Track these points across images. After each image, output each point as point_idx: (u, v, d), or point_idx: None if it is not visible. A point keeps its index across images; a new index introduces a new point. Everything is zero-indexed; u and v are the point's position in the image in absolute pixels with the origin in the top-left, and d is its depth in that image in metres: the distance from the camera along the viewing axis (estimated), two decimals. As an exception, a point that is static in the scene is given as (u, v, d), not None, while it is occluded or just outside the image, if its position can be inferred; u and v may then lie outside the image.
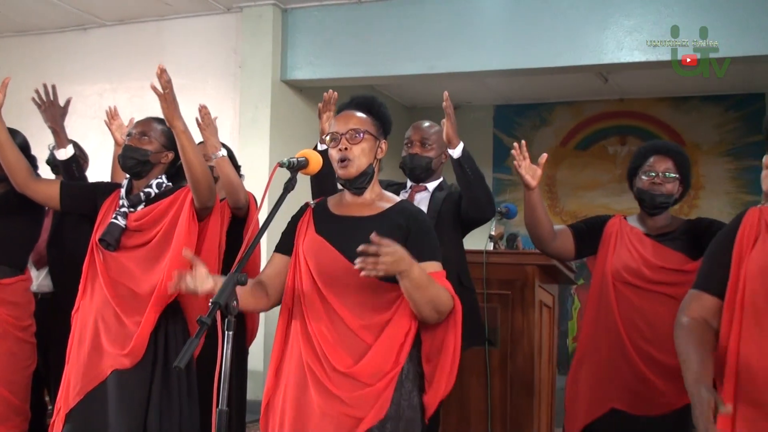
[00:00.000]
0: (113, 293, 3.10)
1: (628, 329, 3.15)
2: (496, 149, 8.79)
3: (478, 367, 4.13)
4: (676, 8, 5.25)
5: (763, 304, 2.11)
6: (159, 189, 3.22)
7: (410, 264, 2.30)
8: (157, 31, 6.77)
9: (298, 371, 2.45)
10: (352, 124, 2.54)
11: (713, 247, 2.37)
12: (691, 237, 3.18)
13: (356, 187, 2.55)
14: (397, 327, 2.45)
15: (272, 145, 6.08)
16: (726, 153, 8.08)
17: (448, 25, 5.91)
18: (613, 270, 3.23)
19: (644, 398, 3.09)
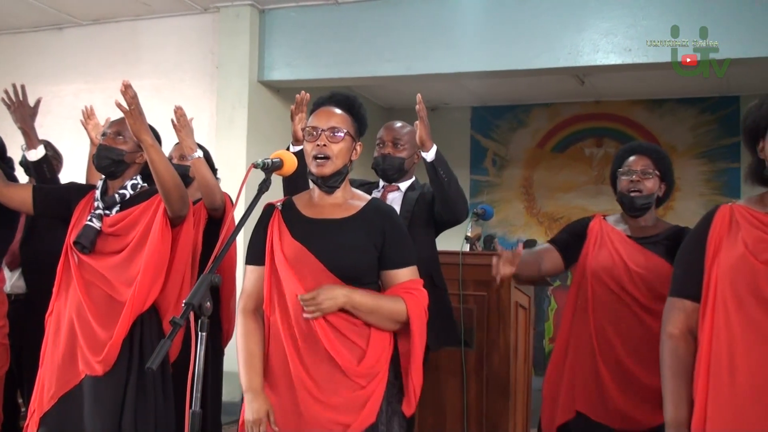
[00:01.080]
0: (87, 297, 3.08)
1: (599, 337, 3.15)
2: (474, 151, 8.82)
3: (454, 367, 4.15)
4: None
5: (733, 304, 2.13)
6: (134, 190, 3.19)
7: (348, 297, 2.37)
8: (134, 30, 6.73)
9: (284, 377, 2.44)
10: (333, 122, 2.51)
11: (686, 249, 2.38)
12: (674, 245, 3.18)
13: (328, 185, 2.54)
14: (381, 334, 2.46)
15: (249, 145, 6.07)
16: (701, 155, 8.15)
17: (426, 27, 5.92)
18: (593, 272, 3.22)
19: (607, 409, 3.09)
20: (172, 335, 1.83)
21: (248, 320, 2.53)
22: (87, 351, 3.01)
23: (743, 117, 2.35)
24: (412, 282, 2.50)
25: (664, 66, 5.54)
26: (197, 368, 1.95)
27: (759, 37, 5.09)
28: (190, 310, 1.91)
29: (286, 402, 2.41)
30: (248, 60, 6.18)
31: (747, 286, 2.10)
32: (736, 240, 2.19)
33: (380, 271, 2.51)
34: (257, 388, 2.42)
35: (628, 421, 3.04)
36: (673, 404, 2.24)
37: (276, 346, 2.46)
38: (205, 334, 1.96)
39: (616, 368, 3.09)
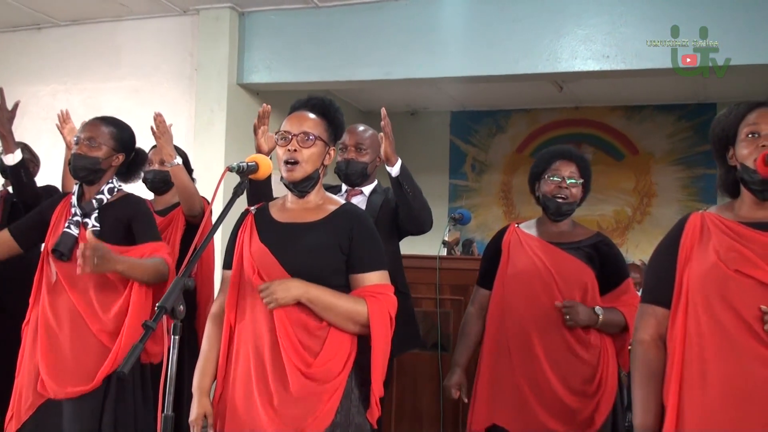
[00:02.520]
0: (74, 306, 3.03)
1: (520, 347, 3.13)
2: (453, 155, 8.85)
3: (430, 371, 4.16)
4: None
5: (704, 312, 2.15)
6: (111, 194, 3.16)
7: (304, 289, 2.38)
8: (113, 32, 6.69)
9: (243, 380, 2.44)
10: (305, 127, 2.50)
11: (658, 257, 2.39)
12: (595, 254, 3.20)
13: (300, 190, 2.54)
14: (341, 334, 2.45)
15: (228, 148, 6.05)
16: (678, 161, 8.23)
17: (406, 32, 5.92)
18: (514, 279, 3.22)
19: (526, 421, 3.08)
20: (144, 338, 1.83)
21: (211, 324, 2.58)
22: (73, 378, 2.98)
23: (712, 126, 2.36)
24: (380, 286, 2.49)
25: (642, 73, 5.59)
26: (170, 371, 1.94)
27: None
28: (163, 313, 1.91)
29: (241, 406, 2.41)
30: (227, 62, 6.16)
31: (717, 294, 2.12)
32: (708, 248, 2.21)
33: (348, 275, 2.51)
34: (203, 388, 2.49)
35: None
36: (642, 410, 2.26)
37: (239, 350, 2.47)
38: (178, 337, 1.95)
39: (536, 382, 3.06)
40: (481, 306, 3.37)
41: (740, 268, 2.12)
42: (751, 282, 2.09)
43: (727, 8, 5.12)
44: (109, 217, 3.11)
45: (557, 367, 3.05)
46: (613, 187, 8.34)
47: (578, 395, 3.03)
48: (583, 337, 3.08)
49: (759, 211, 2.24)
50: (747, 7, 5.11)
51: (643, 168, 8.34)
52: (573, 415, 3.01)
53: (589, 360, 3.07)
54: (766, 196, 2.20)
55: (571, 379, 3.04)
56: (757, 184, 2.19)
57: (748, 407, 2.03)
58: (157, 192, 3.94)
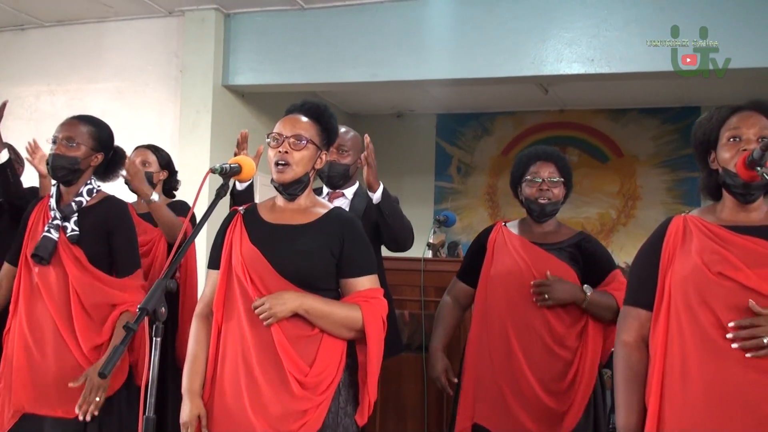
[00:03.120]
0: (57, 313, 2.98)
1: (501, 347, 3.14)
2: (438, 158, 8.86)
3: (415, 372, 4.16)
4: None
5: (685, 314, 2.16)
6: (90, 195, 3.13)
7: (299, 300, 2.38)
8: (97, 33, 6.67)
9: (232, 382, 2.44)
10: (298, 129, 2.50)
11: (640, 259, 2.41)
12: (578, 254, 3.22)
13: (289, 193, 2.54)
14: (333, 340, 2.45)
15: (213, 150, 6.03)
16: (662, 164, 8.27)
17: (392, 34, 5.93)
18: (497, 279, 3.23)
19: (507, 422, 3.09)
20: (125, 341, 1.82)
21: (198, 324, 2.57)
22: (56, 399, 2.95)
23: (693, 130, 2.38)
24: (372, 291, 2.50)
25: (627, 76, 5.62)
26: (152, 374, 1.94)
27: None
28: (145, 315, 1.90)
29: (230, 408, 2.41)
30: (213, 64, 6.15)
31: (698, 297, 2.14)
32: (690, 251, 2.23)
33: (339, 279, 2.51)
34: (194, 390, 2.46)
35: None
36: (625, 411, 2.27)
37: (227, 351, 2.46)
38: (160, 339, 1.95)
39: (515, 381, 3.08)
40: (456, 298, 3.42)
41: (722, 270, 2.13)
42: (732, 285, 2.11)
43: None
44: (88, 222, 3.06)
45: (535, 366, 3.06)
46: (598, 190, 8.36)
47: (552, 394, 3.04)
48: (561, 338, 3.09)
49: (740, 214, 2.26)
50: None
51: (628, 171, 8.37)
52: (548, 414, 3.03)
53: (565, 358, 3.08)
54: (748, 199, 2.22)
55: (547, 378, 3.06)
56: (739, 187, 2.20)
57: (728, 408, 2.05)
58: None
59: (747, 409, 2.03)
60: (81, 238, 3.03)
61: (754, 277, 2.09)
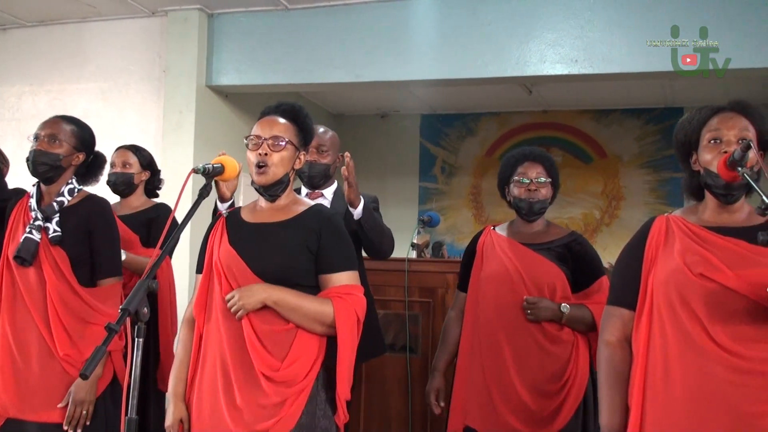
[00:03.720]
0: (39, 318, 2.96)
1: (490, 351, 3.16)
2: (423, 158, 8.87)
3: (399, 373, 4.17)
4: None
5: (667, 314, 2.18)
6: (71, 195, 3.12)
7: (268, 292, 2.39)
8: (80, 33, 6.63)
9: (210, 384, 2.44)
10: (276, 131, 2.52)
11: (623, 259, 2.42)
12: (567, 254, 3.23)
13: (270, 194, 2.55)
14: (308, 336, 2.45)
15: (196, 150, 6.00)
16: (645, 165, 8.30)
17: (376, 35, 5.93)
18: (486, 281, 3.24)
19: (497, 424, 3.09)
20: (107, 341, 1.81)
21: (185, 328, 2.59)
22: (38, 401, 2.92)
23: (675, 131, 2.40)
24: (348, 287, 2.50)
25: (610, 77, 5.64)
26: (134, 375, 1.93)
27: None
28: (127, 315, 1.89)
29: (208, 409, 2.41)
30: (196, 64, 6.12)
31: (680, 297, 2.16)
32: (672, 251, 2.24)
33: (318, 275, 2.52)
34: (177, 394, 2.49)
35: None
36: (608, 410, 2.28)
37: (207, 353, 2.47)
38: (141, 340, 1.94)
39: (502, 383, 3.09)
40: (460, 310, 3.41)
41: (703, 272, 2.15)
42: (713, 286, 2.12)
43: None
44: (70, 221, 3.04)
45: (525, 367, 3.07)
46: (582, 190, 8.39)
47: (540, 395, 3.05)
48: (554, 333, 3.10)
49: (722, 215, 2.28)
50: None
51: (612, 171, 8.40)
52: (537, 415, 3.04)
53: (560, 355, 3.10)
54: (729, 200, 2.24)
55: (537, 379, 3.07)
56: (721, 188, 2.22)
57: (709, 408, 2.06)
58: (121, 195, 3.93)
59: (728, 408, 2.04)
60: (63, 239, 3.01)
61: (734, 278, 2.10)
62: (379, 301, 4.19)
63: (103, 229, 3.09)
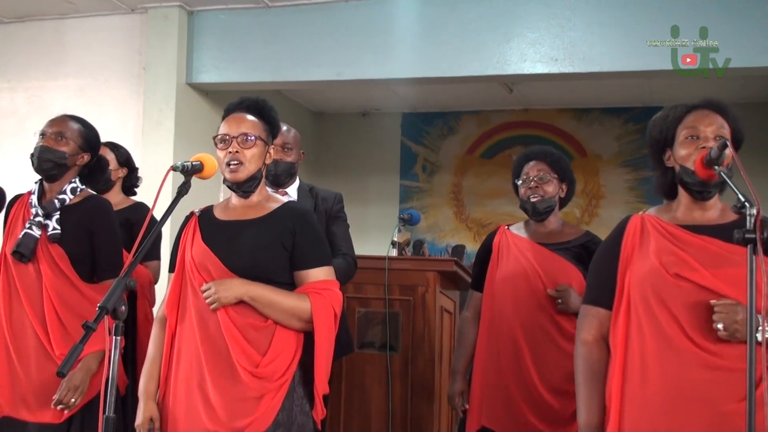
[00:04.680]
0: (35, 317, 2.95)
1: (509, 349, 3.18)
2: (404, 156, 8.85)
3: (379, 371, 4.17)
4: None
5: (644, 313, 2.19)
6: (74, 194, 3.09)
7: (245, 288, 2.40)
8: (59, 29, 6.57)
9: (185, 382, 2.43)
10: (244, 128, 2.53)
11: (600, 259, 2.43)
12: (584, 254, 3.23)
13: (244, 190, 2.56)
14: (286, 332, 2.45)
15: (176, 148, 5.97)
16: (625, 164, 8.33)
17: (357, 33, 5.92)
18: (504, 281, 3.26)
19: (516, 423, 3.12)
20: (84, 339, 1.80)
21: (156, 326, 2.59)
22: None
23: (649, 128, 2.42)
24: (325, 282, 2.52)
25: (590, 76, 5.66)
26: (112, 373, 1.92)
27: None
28: (105, 313, 1.88)
29: (183, 408, 2.41)
30: (176, 62, 6.09)
31: (656, 297, 2.17)
32: (648, 251, 2.26)
33: (293, 272, 2.52)
34: (148, 393, 2.50)
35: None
36: (586, 409, 2.30)
37: (182, 352, 2.46)
38: (120, 338, 1.93)
39: (522, 383, 3.12)
40: (475, 310, 3.43)
41: (679, 272, 2.17)
42: (689, 285, 2.14)
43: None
44: (70, 220, 3.03)
45: (544, 367, 3.09)
46: (562, 189, 8.41)
47: (561, 395, 3.06)
48: (572, 333, 3.11)
49: (695, 212, 2.29)
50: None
51: (592, 170, 8.43)
52: (557, 415, 3.05)
53: None
54: (704, 197, 2.26)
55: (556, 378, 3.07)
56: (696, 185, 2.24)
57: (686, 405, 2.08)
58: (99, 192, 3.89)
59: (705, 406, 2.06)
60: (62, 237, 3.00)
61: (710, 277, 2.13)
62: (359, 299, 4.20)
63: (104, 229, 3.09)
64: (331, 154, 8.85)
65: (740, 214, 1.96)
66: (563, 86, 7.39)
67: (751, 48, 5.07)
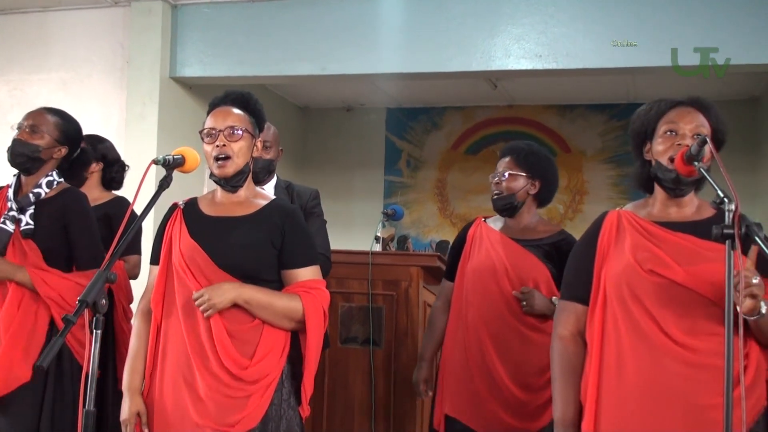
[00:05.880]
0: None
1: (474, 340, 3.19)
2: (388, 152, 8.86)
3: (362, 366, 4.17)
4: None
5: (619, 309, 2.21)
6: (50, 188, 3.06)
7: (238, 291, 2.38)
8: (41, 22, 6.53)
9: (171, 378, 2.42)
10: (230, 121, 2.51)
11: (577, 255, 2.45)
12: (554, 253, 3.25)
13: (232, 185, 2.54)
14: (275, 330, 2.45)
15: (160, 142, 5.95)
16: (608, 160, 8.37)
17: (342, 27, 5.92)
18: (473, 273, 3.27)
19: (480, 414, 3.13)
20: (64, 332, 1.80)
21: (139, 320, 2.57)
22: None
23: (632, 120, 2.43)
24: (313, 281, 2.51)
25: (574, 72, 5.68)
26: (92, 367, 1.91)
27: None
28: (85, 307, 1.88)
29: (171, 404, 2.40)
30: (160, 56, 6.06)
31: (631, 293, 2.19)
32: (624, 247, 2.27)
33: (281, 271, 2.51)
34: (133, 388, 2.47)
35: (501, 426, 3.09)
36: (562, 403, 2.31)
37: (168, 347, 2.45)
38: (100, 331, 1.92)
39: (488, 374, 3.13)
40: (446, 299, 3.44)
41: (653, 268, 2.18)
42: (663, 282, 2.16)
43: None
44: (44, 214, 3.01)
45: (509, 360, 3.10)
46: (546, 185, 8.43)
47: (526, 388, 3.08)
48: (537, 326, 3.13)
49: (671, 209, 2.31)
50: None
51: (575, 166, 8.46)
52: (522, 407, 3.06)
53: (543, 348, 3.12)
54: (677, 193, 2.28)
55: (522, 371, 3.09)
56: (670, 181, 2.26)
57: (662, 400, 2.10)
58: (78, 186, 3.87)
59: (680, 401, 2.08)
60: (35, 232, 2.97)
61: (683, 274, 2.15)
62: (342, 294, 4.20)
63: (79, 222, 3.06)
64: (316, 148, 8.85)
65: (719, 209, 1.97)
66: (547, 82, 7.41)
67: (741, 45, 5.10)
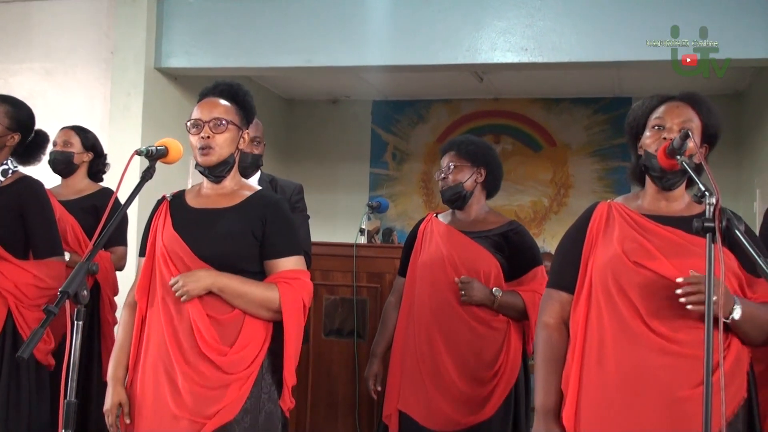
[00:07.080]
0: None
1: (423, 335, 3.20)
2: (374, 144, 8.86)
3: (346, 358, 4.18)
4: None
5: (604, 299, 2.22)
6: (4, 176, 3.05)
7: (213, 279, 2.38)
8: (25, 12, 6.47)
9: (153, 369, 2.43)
10: (216, 113, 2.50)
11: (565, 243, 2.46)
12: (503, 243, 3.26)
13: (215, 175, 2.53)
14: (255, 321, 2.45)
15: (144, 133, 5.92)
16: (594, 154, 8.40)
17: (327, 19, 5.90)
18: (422, 267, 3.29)
19: (428, 409, 3.14)
20: (45, 324, 1.79)
21: (126, 312, 2.57)
22: None
23: (628, 115, 2.46)
24: (294, 272, 2.51)
25: (559, 66, 5.69)
26: (73, 358, 1.91)
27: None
28: (66, 298, 1.87)
29: (151, 394, 2.40)
30: (145, 46, 6.02)
31: (616, 284, 2.21)
32: (612, 238, 2.29)
33: (263, 261, 2.51)
34: (117, 378, 2.47)
35: (448, 421, 3.11)
36: (543, 391, 2.32)
37: (151, 338, 2.45)
38: (81, 323, 1.92)
39: (435, 369, 3.14)
40: (399, 295, 3.44)
41: (639, 259, 2.20)
42: (648, 273, 2.18)
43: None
44: (0, 203, 3.00)
45: (457, 353, 3.11)
46: (531, 178, 8.46)
47: (473, 381, 3.09)
48: (486, 319, 3.14)
49: (661, 203, 2.33)
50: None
51: (561, 159, 8.48)
52: (468, 401, 3.08)
53: (493, 342, 3.14)
54: (665, 185, 2.29)
55: (470, 365, 3.11)
56: (657, 171, 2.27)
57: (642, 390, 2.12)
58: (61, 174, 3.86)
59: (660, 391, 2.10)
60: None
61: (669, 267, 2.16)
62: (326, 286, 4.20)
63: (35, 210, 3.04)
64: (301, 140, 8.83)
65: (700, 202, 1.99)
66: (533, 76, 7.42)
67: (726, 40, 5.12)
